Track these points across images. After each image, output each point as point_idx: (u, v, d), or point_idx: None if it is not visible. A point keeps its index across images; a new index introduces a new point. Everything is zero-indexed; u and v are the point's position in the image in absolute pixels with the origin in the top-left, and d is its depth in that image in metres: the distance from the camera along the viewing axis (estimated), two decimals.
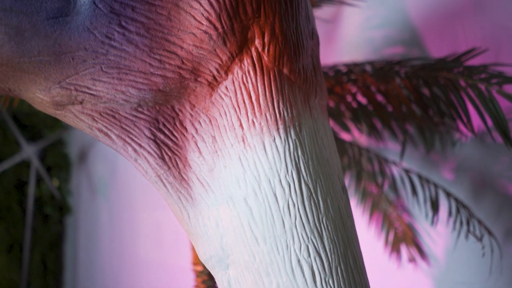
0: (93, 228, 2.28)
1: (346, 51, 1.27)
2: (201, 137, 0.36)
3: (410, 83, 0.61)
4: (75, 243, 2.42)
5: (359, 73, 0.68)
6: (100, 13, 0.31)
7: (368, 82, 0.65)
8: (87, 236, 2.33)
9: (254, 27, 0.34)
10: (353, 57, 1.24)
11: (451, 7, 1.07)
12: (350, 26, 1.26)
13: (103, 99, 0.34)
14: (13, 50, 0.32)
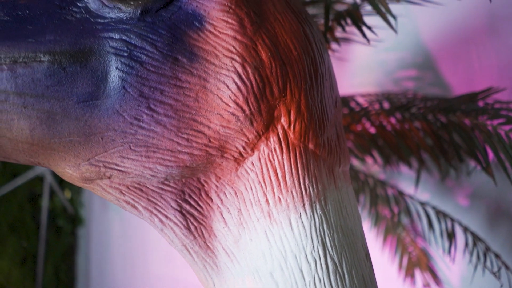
0: (105, 240, 2.29)
1: (358, 73, 1.27)
2: (226, 208, 0.37)
3: (428, 126, 0.61)
4: (87, 255, 2.44)
5: (375, 113, 0.68)
6: (130, 97, 0.32)
7: (384, 123, 0.65)
8: (99, 248, 2.34)
9: (281, 106, 0.34)
10: (365, 79, 1.24)
11: (465, 30, 1.07)
12: (362, 48, 1.26)
13: (131, 174, 0.35)
14: (44, 133, 0.33)
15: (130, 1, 0.33)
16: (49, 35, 0.32)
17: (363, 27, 0.53)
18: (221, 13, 0.33)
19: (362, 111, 0.72)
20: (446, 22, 1.05)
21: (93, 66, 0.32)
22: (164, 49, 0.32)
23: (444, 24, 1.07)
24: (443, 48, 1.10)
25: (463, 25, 1.06)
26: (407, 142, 0.66)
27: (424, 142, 0.66)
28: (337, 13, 0.54)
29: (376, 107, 0.75)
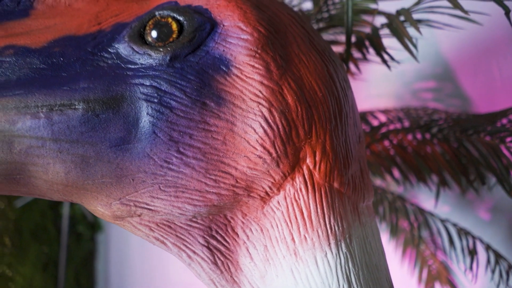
0: (124, 245, 2.33)
1: (375, 84, 1.26)
2: (252, 244, 0.37)
3: (449, 148, 0.60)
4: (106, 260, 2.48)
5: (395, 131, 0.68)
6: (160, 141, 0.33)
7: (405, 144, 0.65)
8: (118, 254, 2.38)
9: (306, 147, 0.35)
10: (382, 90, 1.24)
11: (485, 42, 1.06)
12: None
13: (160, 213, 0.36)
14: (78, 175, 0.34)
15: (160, 47, 0.34)
16: (82, 82, 0.33)
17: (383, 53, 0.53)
18: (247, 57, 0.34)
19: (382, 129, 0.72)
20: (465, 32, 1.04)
21: (125, 112, 0.33)
22: (192, 94, 0.33)
23: (463, 34, 1.06)
24: (463, 59, 1.09)
25: (483, 36, 1.04)
26: (427, 163, 0.66)
27: (446, 163, 0.66)
28: (357, 38, 0.54)
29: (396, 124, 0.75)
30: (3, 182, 0.35)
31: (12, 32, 0.35)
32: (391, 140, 0.72)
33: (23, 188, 0.36)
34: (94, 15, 0.37)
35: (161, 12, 0.35)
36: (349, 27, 0.46)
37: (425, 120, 0.70)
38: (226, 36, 0.35)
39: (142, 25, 0.35)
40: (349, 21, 0.45)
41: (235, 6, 0.35)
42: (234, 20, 0.35)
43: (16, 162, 0.33)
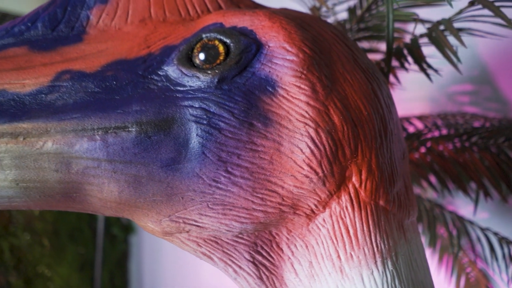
0: (156, 247, 2.37)
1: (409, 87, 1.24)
2: (297, 260, 0.38)
3: (491, 157, 0.59)
4: (140, 262, 2.54)
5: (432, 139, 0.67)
6: (209, 161, 0.34)
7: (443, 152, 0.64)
8: (151, 255, 2.43)
9: (352, 166, 0.35)
10: (416, 94, 1.21)
11: None
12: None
13: (208, 229, 0.37)
14: (131, 194, 0.35)
15: (208, 70, 0.35)
16: (135, 105, 0.34)
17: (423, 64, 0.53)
18: (293, 78, 0.34)
19: (419, 136, 0.71)
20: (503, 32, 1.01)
21: (175, 134, 0.34)
22: (240, 115, 0.34)
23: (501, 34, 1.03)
24: (501, 60, 1.06)
25: None
26: (466, 170, 0.65)
27: (485, 170, 0.64)
28: (396, 49, 0.54)
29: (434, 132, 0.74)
30: (61, 200, 0.37)
31: (68, 57, 0.37)
32: (429, 147, 0.71)
33: (78, 205, 0.38)
34: (143, 38, 0.38)
35: (208, 34, 0.36)
36: (390, 41, 0.46)
37: (465, 128, 0.69)
38: (271, 57, 0.35)
39: (190, 48, 0.36)
40: (390, 35, 0.45)
41: (279, 27, 0.36)
42: (279, 41, 0.35)
43: (74, 181, 0.35)
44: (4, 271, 2.06)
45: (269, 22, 0.36)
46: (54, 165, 0.34)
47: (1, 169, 0.34)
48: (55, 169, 0.34)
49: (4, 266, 2.06)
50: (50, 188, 0.35)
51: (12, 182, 0.35)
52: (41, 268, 2.23)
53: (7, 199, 0.36)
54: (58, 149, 0.34)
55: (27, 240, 2.18)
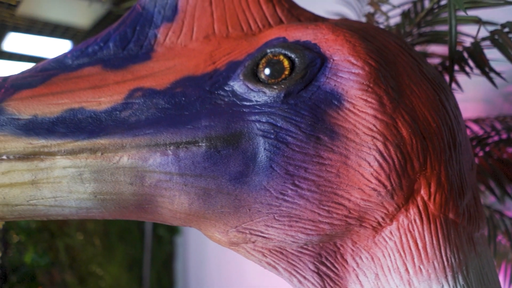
0: (201, 248, 2.42)
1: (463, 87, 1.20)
2: (362, 272, 0.38)
3: None
4: (185, 263, 2.59)
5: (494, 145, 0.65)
6: (276, 175, 0.35)
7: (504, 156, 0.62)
8: (196, 256, 2.48)
9: (421, 179, 0.35)
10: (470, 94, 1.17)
11: None
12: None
13: (273, 240, 0.38)
14: (200, 206, 0.37)
15: (273, 85, 0.36)
16: (204, 121, 0.36)
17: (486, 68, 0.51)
18: (359, 91, 0.34)
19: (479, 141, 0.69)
20: None
21: (243, 148, 0.35)
22: (307, 129, 0.34)
23: None
24: None
25: None
26: None
27: None
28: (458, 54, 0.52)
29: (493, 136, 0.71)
30: (134, 211, 0.39)
31: (138, 75, 0.39)
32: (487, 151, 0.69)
33: (149, 215, 0.40)
34: (208, 54, 0.40)
35: (273, 50, 0.37)
36: (452, 47, 0.45)
37: None
38: (336, 70, 0.35)
39: (255, 63, 0.37)
40: (453, 41, 0.44)
41: (343, 40, 0.36)
42: (344, 54, 0.36)
43: (147, 194, 0.37)
44: (60, 269, 2.17)
45: (333, 35, 0.37)
46: (129, 179, 0.36)
47: (81, 182, 0.36)
48: (130, 182, 0.36)
49: (60, 264, 2.17)
50: (125, 200, 0.37)
51: (91, 195, 0.37)
52: (93, 267, 2.33)
53: (86, 210, 0.38)
54: (133, 163, 0.36)
55: (80, 240, 2.29)
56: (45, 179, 0.36)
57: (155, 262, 2.52)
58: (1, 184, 0.36)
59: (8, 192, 0.37)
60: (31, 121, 0.37)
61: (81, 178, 0.36)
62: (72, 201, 0.37)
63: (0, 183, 0.36)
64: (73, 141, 0.36)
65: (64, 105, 0.38)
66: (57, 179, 0.36)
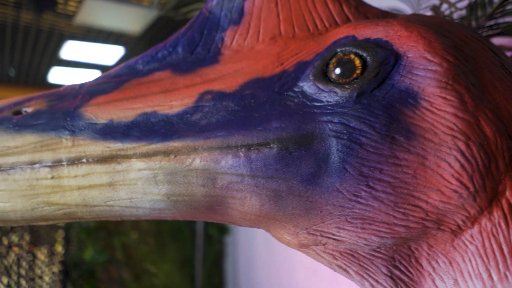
0: (251, 248, 2.44)
1: None
2: (439, 277, 0.36)
3: None
4: (235, 261, 2.62)
5: None
6: (349, 176, 0.34)
7: None
8: (246, 255, 2.50)
9: (506, 180, 0.33)
10: None
11: None
12: None
13: (345, 243, 0.37)
14: (271, 207, 0.37)
15: (345, 84, 0.35)
16: (274, 122, 0.36)
17: None
18: (438, 89, 0.33)
19: None
20: None
21: (315, 149, 0.35)
22: (381, 129, 0.33)
23: None
24: None
25: None
26: None
27: None
28: None
29: None
30: (204, 212, 0.39)
31: (207, 78, 0.40)
32: None
33: (218, 216, 0.40)
34: (276, 56, 0.39)
35: (343, 49, 0.36)
36: None
37: None
38: (411, 68, 0.34)
39: (325, 63, 0.36)
40: None
41: (418, 36, 0.35)
42: (419, 51, 0.34)
43: (218, 195, 0.37)
44: (117, 266, 2.26)
45: (406, 31, 0.35)
46: (201, 180, 0.37)
47: (155, 184, 0.37)
48: (202, 184, 0.37)
49: (117, 262, 2.26)
50: (197, 201, 0.38)
51: (164, 196, 0.38)
52: (147, 264, 2.41)
53: (159, 211, 0.39)
54: (205, 165, 0.36)
55: (135, 239, 2.37)
56: (122, 181, 0.38)
57: (205, 261, 2.57)
58: (81, 186, 0.38)
59: (87, 194, 0.38)
60: (108, 126, 0.39)
61: (155, 180, 0.37)
62: (146, 202, 0.38)
63: (80, 185, 0.38)
64: (147, 144, 0.37)
65: (138, 109, 0.39)
66: (133, 181, 0.38)
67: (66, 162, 0.38)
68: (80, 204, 0.39)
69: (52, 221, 0.42)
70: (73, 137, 0.39)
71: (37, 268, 2.14)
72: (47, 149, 0.39)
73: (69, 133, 0.39)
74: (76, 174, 0.38)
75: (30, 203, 0.39)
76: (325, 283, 1.80)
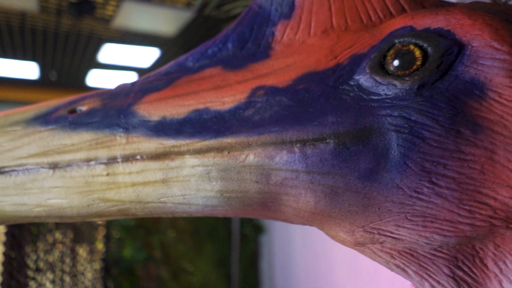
0: (287, 249, 2.43)
1: None
2: (507, 279, 0.34)
3: None
4: (271, 262, 2.62)
5: None
6: (411, 172, 0.33)
7: None
8: (282, 255, 2.49)
9: None
10: None
11: None
12: None
13: (404, 241, 0.36)
14: (327, 204, 0.36)
15: (405, 76, 0.34)
16: (330, 117, 0.35)
17: None
18: (507, 79, 0.31)
19: None
20: None
21: (374, 144, 0.33)
22: (445, 123, 0.32)
23: None
24: None
25: None
26: None
27: None
28: None
29: None
30: (257, 209, 0.39)
31: (259, 73, 0.39)
32: None
33: (271, 213, 0.40)
34: (328, 49, 0.39)
35: (402, 39, 0.35)
36: None
37: None
38: (476, 57, 0.32)
39: (382, 55, 0.35)
40: None
41: (483, 24, 0.33)
42: (485, 40, 0.32)
43: (272, 192, 0.37)
44: (156, 264, 2.30)
45: (469, 19, 0.34)
46: (255, 177, 0.36)
47: (209, 180, 0.37)
48: (255, 180, 0.36)
49: (155, 260, 2.31)
50: (250, 198, 0.37)
51: (217, 193, 0.38)
52: (184, 263, 2.44)
53: (211, 207, 0.39)
54: (259, 161, 0.36)
55: (172, 237, 2.41)
56: (175, 177, 0.38)
57: (241, 260, 2.58)
58: (135, 182, 0.39)
59: (141, 190, 0.39)
60: (160, 123, 0.39)
61: (208, 177, 0.37)
62: (199, 199, 0.38)
63: (135, 182, 0.39)
64: (200, 141, 0.37)
65: (190, 106, 0.39)
66: (186, 177, 0.38)
67: (121, 159, 0.39)
68: (134, 201, 0.39)
69: (106, 217, 0.42)
70: (127, 134, 0.39)
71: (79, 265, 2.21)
72: (102, 146, 0.39)
73: (123, 130, 0.39)
74: (131, 171, 0.39)
75: (86, 200, 0.40)
76: (365, 284, 1.76)
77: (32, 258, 1.93)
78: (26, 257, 1.88)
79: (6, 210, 0.41)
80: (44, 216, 0.41)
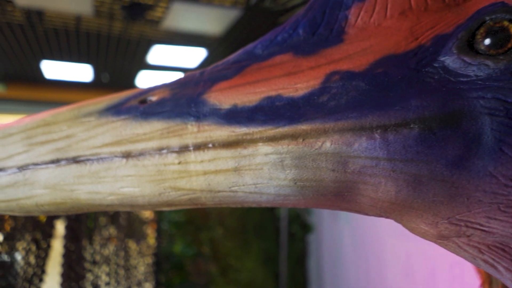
0: (336, 248, 2.38)
1: None
2: None
3: None
4: (319, 261, 2.58)
5: None
6: (507, 159, 0.30)
7: None
8: (331, 254, 2.45)
9: None
10: None
11: None
12: None
13: (495, 235, 0.33)
14: (409, 194, 0.34)
15: (499, 55, 0.31)
16: (413, 101, 0.33)
17: None
18: None
19: None
20: None
21: (464, 129, 0.31)
22: None
23: None
24: None
25: None
26: None
27: None
28: None
29: None
30: (331, 199, 0.37)
31: (332, 58, 0.38)
32: None
33: (345, 204, 0.38)
34: (408, 31, 0.36)
35: (493, 16, 0.32)
36: None
37: None
38: None
39: (470, 34, 0.33)
40: None
41: None
42: None
43: (349, 181, 0.35)
44: (205, 260, 2.33)
45: None
46: (331, 165, 0.35)
47: (282, 169, 0.36)
48: (331, 168, 0.35)
49: (204, 256, 2.34)
50: (325, 187, 0.36)
51: (291, 181, 0.36)
52: (232, 260, 2.46)
53: (283, 197, 0.38)
54: (336, 148, 0.34)
55: (221, 234, 2.44)
56: (247, 166, 0.37)
57: (289, 258, 2.57)
58: (207, 171, 0.38)
59: (213, 179, 0.38)
60: (232, 111, 0.38)
61: (282, 165, 0.36)
62: (272, 188, 0.37)
63: (206, 170, 0.38)
64: (274, 128, 0.36)
65: (261, 93, 0.38)
66: (259, 165, 0.37)
67: (193, 148, 0.39)
68: (205, 190, 0.39)
69: (176, 206, 0.43)
70: (198, 122, 0.39)
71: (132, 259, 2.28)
72: (174, 135, 0.39)
73: (194, 119, 0.39)
74: (202, 159, 0.38)
75: (158, 188, 0.40)
76: (418, 285, 1.70)
77: (89, 251, 2.01)
78: (83, 250, 1.96)
79: (81, 198, 0.42)
80: (117, 204, 0.42)
